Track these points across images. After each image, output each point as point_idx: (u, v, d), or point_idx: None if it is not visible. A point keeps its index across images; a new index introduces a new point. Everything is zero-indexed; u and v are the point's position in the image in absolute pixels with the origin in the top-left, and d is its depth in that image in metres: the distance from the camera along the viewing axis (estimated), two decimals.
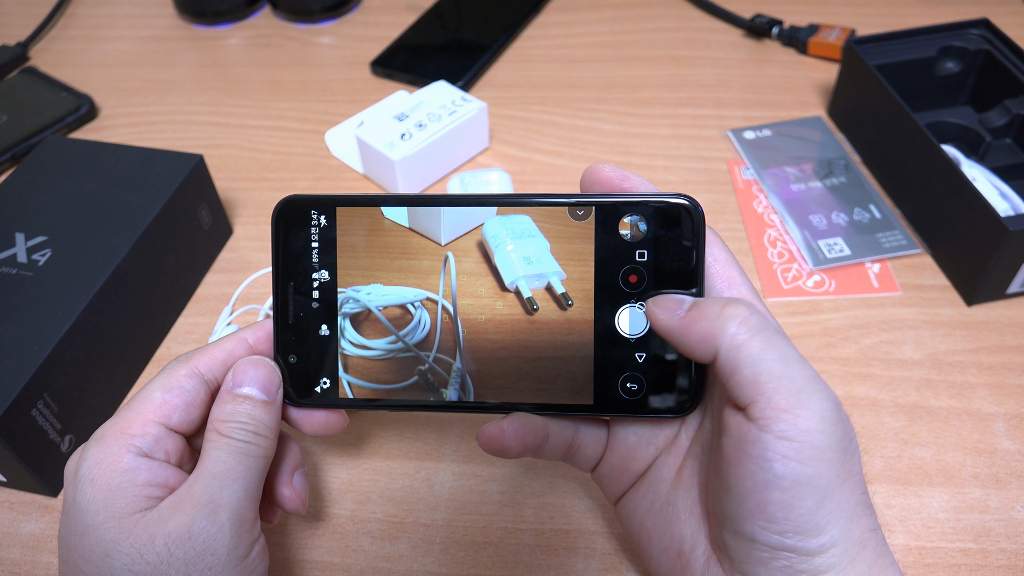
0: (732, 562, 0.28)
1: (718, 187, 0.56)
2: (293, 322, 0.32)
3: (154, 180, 0.48)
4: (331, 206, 0.32)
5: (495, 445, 0.32)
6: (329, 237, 0.32)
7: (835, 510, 0.26)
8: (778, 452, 0.26)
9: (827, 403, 0.26)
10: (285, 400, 0.33)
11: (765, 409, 0.26)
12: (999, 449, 0.41)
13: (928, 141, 0.49)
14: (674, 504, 0.32)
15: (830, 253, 0.51)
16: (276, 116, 0.65)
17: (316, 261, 0.32)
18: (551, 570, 0.38)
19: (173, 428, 0.31)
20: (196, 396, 0.31)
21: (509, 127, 0.62)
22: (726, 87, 0.65)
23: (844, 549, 0.27)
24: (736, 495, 0.27)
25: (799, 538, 0.26)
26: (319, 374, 0.33)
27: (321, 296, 0.32)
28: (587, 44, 0.71)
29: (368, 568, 0.38)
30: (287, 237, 0.32)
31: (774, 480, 0.26)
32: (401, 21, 0.73)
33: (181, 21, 0.76)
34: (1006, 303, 0.48)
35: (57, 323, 0.41)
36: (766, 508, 0.26)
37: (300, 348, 0.33)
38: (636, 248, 0.31)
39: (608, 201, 0.31)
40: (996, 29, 0.56)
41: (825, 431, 0.26)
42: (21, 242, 0.45)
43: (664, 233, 0.31)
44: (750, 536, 0.27)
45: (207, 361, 0.32)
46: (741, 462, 0.27)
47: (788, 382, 0.26)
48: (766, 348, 0.27)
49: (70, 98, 0.65)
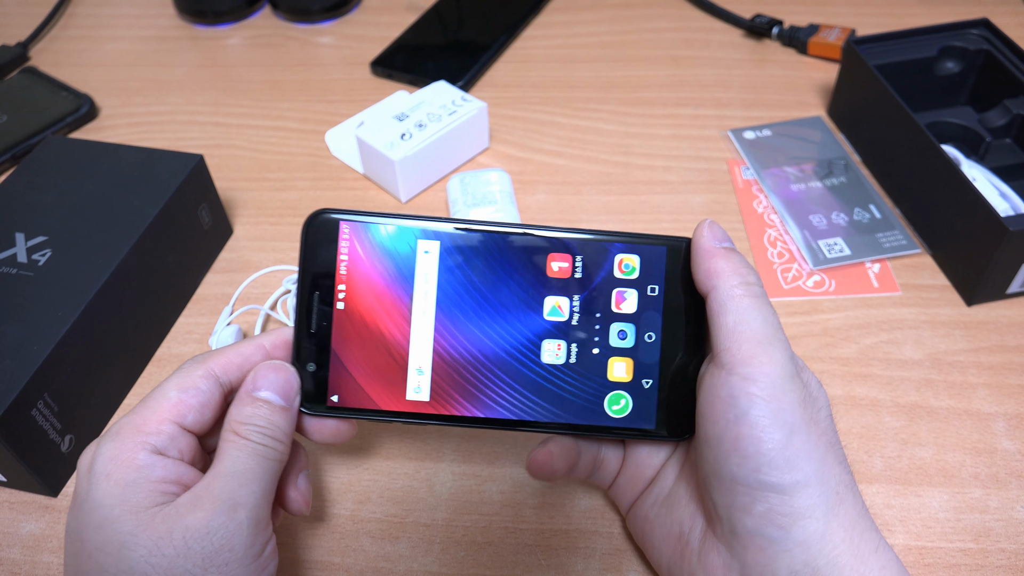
0: (722, 522, 0.30)
1: (718, 187, 0.56)
2: (315, 331, 0.33)
3: (154, 180, 0.48)
4: (363, 222, 0.33)
5: (546, 470, 0.34)
6: (356, 252, 0.33)
7: (804, 447, 0.28)
8: (743, 390, 0.29)
9: (787, 359, 0.29)
10: (303, 410, 0.33)
11: (735, 355, 0.29)
12: (999, 449, 0.41)
13: (928, 141, 0.49)
14: (676, 494, 0.34)
15: (830, 253, 0.51)
16: (276, 116, 0.65)
17: (343, 274, 0.33)
18: (551, 570, 0.38)
19: (187, 427, 0.31)
20: (211, 398, 0.32)
21: (509, 127, 0.62)
22: (726, 87, 0.65)
23: (820, 492, 0.28)
24: (714, 441, 0.29)
25: (773, 472, 0.28)
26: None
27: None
28: (587, 44, 0.71)
29: (368, 568, 0.38)
30: (316, 247, 0.33)
31: (741, 415, 0.29)
32: (401, 21, 0.73)
33: (181, 21, 0.76)
34: (1006, 303, 0.48)
35: (57, 323, 0.41)
36: (738, 444, 0.29)
37: (320, 357, 0.33)
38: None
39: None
40: (996, 29, 0.56)
41: (785, 376, 0.29)
42: (21, 242, 0.45)
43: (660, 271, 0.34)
44: (730, 477, 0.29)
45: (223, 364, 0.32)
46: (714, 406, 0.29)
47: (760, 335, 0.29)
48: (753, 308, 0.30)
49: (70, 98, 0.65)
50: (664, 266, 0.34)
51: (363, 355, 0.33)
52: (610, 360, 0.33)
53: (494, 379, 0.33)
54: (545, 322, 0.33)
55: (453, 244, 0.33)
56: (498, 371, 0.33)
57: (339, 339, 0.33)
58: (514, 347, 0.33)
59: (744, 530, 0.29)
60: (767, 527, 0.28)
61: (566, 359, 0.33)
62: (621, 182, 0.57)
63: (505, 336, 0.33)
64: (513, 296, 0.33)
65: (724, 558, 0.30)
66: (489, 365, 0.33)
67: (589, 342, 0.33)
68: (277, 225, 0.55)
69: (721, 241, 0.32)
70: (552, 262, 0.33)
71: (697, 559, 0.31)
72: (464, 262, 0.33)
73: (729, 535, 0.30)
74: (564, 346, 0.33)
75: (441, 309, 0.33)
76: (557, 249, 0.33)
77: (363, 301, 0.33)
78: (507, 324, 0.33)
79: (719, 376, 0.29)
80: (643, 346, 0.33)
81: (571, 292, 0.33)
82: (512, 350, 0.33)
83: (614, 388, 0.33)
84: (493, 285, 0.33)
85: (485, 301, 0.33)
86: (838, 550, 0.28)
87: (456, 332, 0.33)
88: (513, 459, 0.42)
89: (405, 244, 0.33)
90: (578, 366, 0.33)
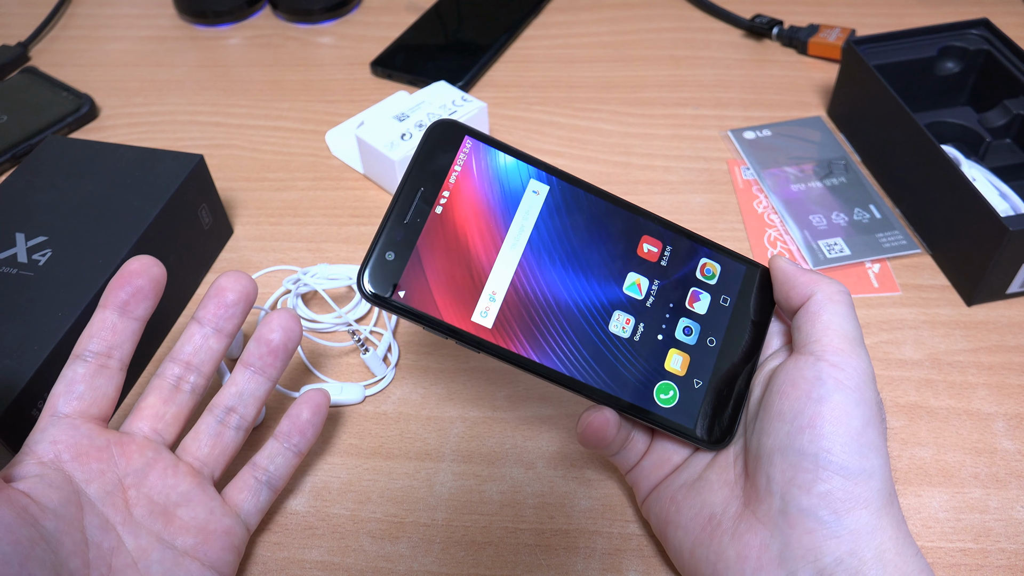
0: (772, 499, 0.30)
1: (718, 187, 0.56)
2: (407, 222, 0.33)
3: (154, 180, 0.48)
4: (487, 144, 0.34)
5: (601, 434, 0.34)
6: (471, 167, 0.34)
7: (875, 442, 0.30)
8: (831, 375, 0.30)
9: (870, 363, 0.31)
10: (361, 292, 0.32)
11: (826, 347, 0.31)
12: (999, 449, 0.41)
13: (928, 141, 0.49)
14: (707, 479, 0.34)
15: (830, 253, 0.51)
16: (276, 116, 0.65)
17: (452, 182, 0.33)
18: (551, 570, 0.38)
19: None
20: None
21: (509, 127, 0.62)
22: (726, 87, 0.65)
23: (880, 487, 0.29)
24: (789, 416, 0.30)
25: (844, 455, 0.29)
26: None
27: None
28: (587, 44, 0.71)
29: (368, 568, 0.38)
30: (435, 148, 0.34)
31: (826, 396, 0.30)
32: (401, 21, 0.73)
33: (181, 21, 0.76)
34: (1006, 303, 0.48)
35: (57, 323, 0.41)
36: (816, 421, 0.30)
37: (401, 249, 0.33)
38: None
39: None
40: (996, 29, 0.56)
41: (869, 374, 0.31)
42: (21, 242, 0.45)
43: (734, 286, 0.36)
44: (799, 452, 0.29)
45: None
46: (797, 384, 0.31)
47: (851, 335, 0.32)
48: (847, 313, 0.32)
49: (70, 98, 0.65)
50: (740, 283, 0.36)
51: (444, 262, 0.33)
52: (670, 350, 0.35)
53: (560, 329, 0.34)
54: (622, 294, 0.35)
55: (561, 194, 0.35)
56: (565, 323, 0.34)
57: (426, 239, 0.33)
58: (587, 307, 0.34)
59: (797, 509, 0.29)
60: (822, 509, 0.29)
61: (631, 335, 0.34)
62: (621, 182, 0.57)
63: (582, 293, 0.34)
64: (600, 261, 0.35)
65: (762, 537, 0.30)
66: (559, 314, 0.34)
67: (656, 327, 0.35)
68: (277, 225, 0.55)
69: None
70: (644, 243, 0.35)
71: (730, 538, 0.31)
72: (566, 213, 0.34)
73: (777, 514, 0.30)
74: (633, 322, 0.34)
75: (531, 247, 0.34)
76: (652, 233, 0.36)
77: (461, 213, 0.33)
78: (587, 284, 0.34)
79: (807, 361, 0.31)
80: (703, 348, 0.35)
81: (653, 275, 0.35)
82: (584, 309, 0.34)
83: (667, 377, 0.35)
84: (585, 244, 0.35)
85: (574, 255, 0.34)
86: (885, 545, 0.28)
87: (538, 273, 0.34)
88: (513, 459, 0.42)
89: (518, 178, 0.34)
90: (640, 345, 0.34)
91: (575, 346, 0.34)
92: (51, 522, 0.30)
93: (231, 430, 0.37)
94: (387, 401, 0.45)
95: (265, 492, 0.37)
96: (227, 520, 0.35)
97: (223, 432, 0.37)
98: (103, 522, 0.32)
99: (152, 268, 0.35)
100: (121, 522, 0.33)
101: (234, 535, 0.35)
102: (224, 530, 0.35)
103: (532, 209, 0.34)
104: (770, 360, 0.35)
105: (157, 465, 0.35)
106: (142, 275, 0.35)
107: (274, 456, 0.38)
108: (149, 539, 0.33)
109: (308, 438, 0.38)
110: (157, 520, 0.34)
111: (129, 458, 0.34)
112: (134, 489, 0.34)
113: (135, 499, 0.34)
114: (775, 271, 0.35)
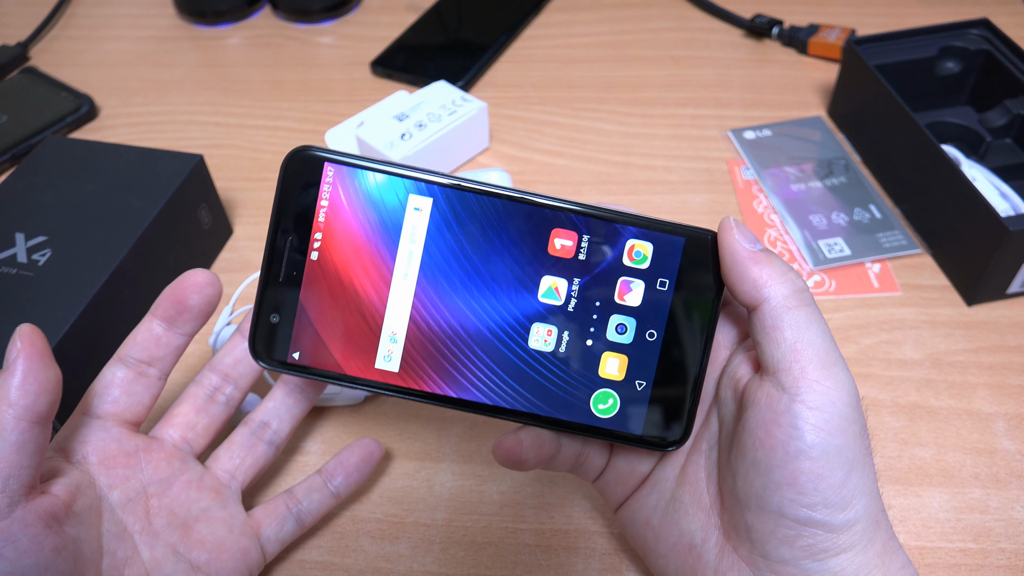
0: (752, 544, 0.29)
1: (718, 187, 0.56)
2: (283, 280, 0.31)
3: (154, 180, 0.48)
4: (351, 166, 0.30)
5: (512, 458, 0.31)
6: (339, 199, 0.31)
7: (860, 485, 0.27)
8: (808, 421, 0.27)
9: (851, 381, 0.28)
10: (258, 362, 0.31)
11: (799, 379, 0.27)
12: (999, 449, 0.41)
13: (928, 141, 0.49)
14: (680, 500, 0.32)
15: (830, 253, 0.51)
16: (276, 116, 0.65)
17: (321, 221, 0.30)
18: (551, 570, 0.38)
19: None
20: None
21: (509, 127, 0.62)
22: (726, 87, 0.65)
23: (865, 528, 0.27)
24: (765, 468, 0.27)
25: (827, 512, 0.27)
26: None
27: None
28: (587, 44, 0.71)
29: (368, 568, 0.38)
30: (294, 188, 0.30)
31: (805, 449, 0.27)
32: (401, 21, 0.73)
33: (181, 21, 0.76)
34: (1006, 303, 0.48)
35: (57, 323, 0.41)
36: (796, 479, 0.27)
37: (284, 309, 0.31)
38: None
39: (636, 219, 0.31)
40: (996, 29, 0.56)
41: (851, 405, 0.27)
42: (21, 242, 0.45)
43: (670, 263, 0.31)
44: (777, 510, 0.27)
45: None
46: (772, 432, 0.27)
47: (823, 355, 0.27)
48: (810, 321, 0.28)
49: (70, 98, 0.65)
50: (680, 259, 0.30)
51: (333, 312, 0.31)
52: (604, 355, 0.31)
53: (473, 358, 0.31)
54: (538, 304, 0.31)
55: (448, 204, 0.30)
56: (479, 350, 0.31)
57: (308, 292, 0.30)
58: (500, 326, 0.31)
59: (779, 558, 0.28)
60: (805, 559, 0.27)
61: (555, 347, 0.31)
62: (621, 182, 0.57)
63: (492, 313, 0.31)
64: (507, 270, 0.30)
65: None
66: (470, 342, 0.31)
67: (583, 332, 0.31)
68: None
69: (753, 243, 0.29)
70: (556, 238, 0.30)
71: (713, 573, 0.30)
72: (457, 225, 0.30)
73: (759, 559, 0.29)
74: (555, 333, 0.31)
75: (425, 274, 0.30)
76: (563, 225, 0.30)
77: (339, 254, 0.30)
78: (496, 300, 0.31)
79: (779, 400, 0.27)
80: (642, 344, 0.31)
81: (572, 274, 0.31)
82: (497, 329, 0.31)
83: (603, 385, 0.31)
84: (486, 255, 0.30)
85: (475, 272, 0.30)
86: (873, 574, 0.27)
87: (438, 301, 0.30)
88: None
89: (394, 197, 0.30)
90: (567, 356, 0.31)
91: (493, 372, 0.31)
92: (73, 528, 0.29)
93: (264, 444, 0.37)
94: (387, 401, 0.45)
95: (291, 524, 0.37)
96: (244, 540, 0.35)
97: (256, 445, 0.36)
98: (120, 530, 0.32)
99: (207, 288, 0.33)
100: (140, 531, 0.32)
101: (249, 557, 0.35)
102: (240, 549, 0.34)
103: (418, 229, 0.30)
104: (740, 362, 0.31)
105: (182, 476, 0.34)
106: (197, 293, 0.33)
107: (312, 491, 0.37)
108: (165, 551, 0.33)
109: (350, 483, 0.38)
110: (175, 532, 0.33)
111: (156, 466, 0.34)
112: (157, 498, 0.33)
113: (156, 508, 0.33)
114: (720, 248, 0.29)
